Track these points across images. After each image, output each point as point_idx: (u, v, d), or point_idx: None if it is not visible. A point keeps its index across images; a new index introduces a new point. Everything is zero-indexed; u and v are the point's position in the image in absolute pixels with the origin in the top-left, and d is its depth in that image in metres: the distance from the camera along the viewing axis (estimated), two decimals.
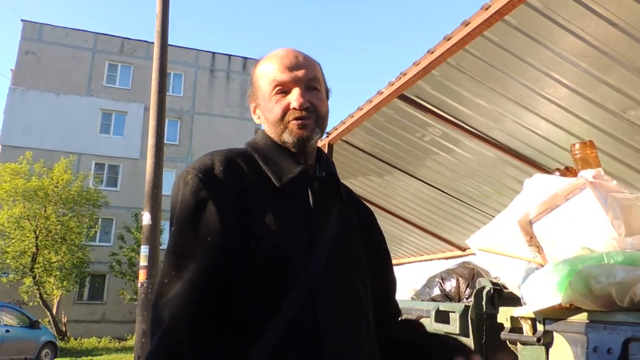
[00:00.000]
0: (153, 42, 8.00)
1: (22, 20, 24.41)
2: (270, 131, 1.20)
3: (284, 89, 1.16)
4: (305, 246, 1.08)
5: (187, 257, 1.02)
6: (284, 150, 1.18)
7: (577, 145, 2.50)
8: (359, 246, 1.23)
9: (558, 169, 2.70)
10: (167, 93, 8.52)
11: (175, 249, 1.05)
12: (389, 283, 1.35)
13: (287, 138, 1.16)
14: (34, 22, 24.49)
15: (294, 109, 1.14)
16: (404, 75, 3.82)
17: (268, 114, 1.18)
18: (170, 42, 8.11)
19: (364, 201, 1.43)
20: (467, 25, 3.13)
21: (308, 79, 1.17)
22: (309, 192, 1.15)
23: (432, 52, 3.47)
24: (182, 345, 0.97)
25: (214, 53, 27.81)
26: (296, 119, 1.15)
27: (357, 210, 1.31)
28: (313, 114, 1.16)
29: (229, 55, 28.13)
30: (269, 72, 1.18)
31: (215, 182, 1.07)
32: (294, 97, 1.15)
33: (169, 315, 0.97)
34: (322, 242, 1.10)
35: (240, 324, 1.01)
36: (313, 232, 1.10)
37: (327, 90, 1.26)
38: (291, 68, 1.17)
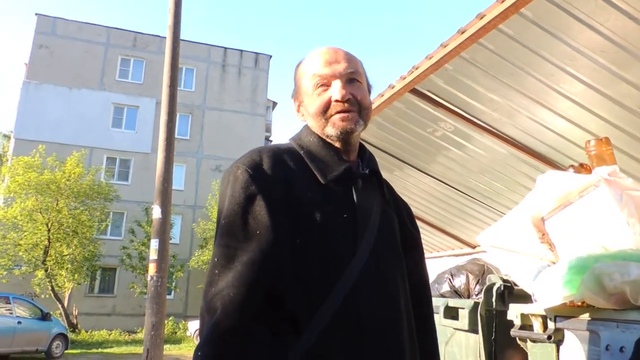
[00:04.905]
0: (165, 37, 8.02)
1: (36, 14, 24.62)
2: (314, 125, 1.22)
3: (325, 83, 1.19)
4: (350, 242, 1.11)
5: (237, 249, 1.05)
6: (329, 146, 1.20)
7: (592, 142, 2.45)
8: (399, 242, 1.25)
9: (572, 166, 2.66)
10: (178, 88, 8.55)
11: (225, 242, 1.07)
12: (422, 279, 1.35)
13: (331, 131, 1.19)
14: (47, 15, 24.70)
15: (337, 101, 1.17)
16: (416, 69, 3.78)
17: (311, 108, 1.21)
18: (182, 36, 8.12)
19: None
20: (482, 18, 3.07)
21: (349, 72, 1.20)
22: (353, 190, 1.17)
23: (445, 46, 3.42)
24: (233, 334, 0.99)
25: (225, 48, 27.87)
26: (339, 112, 1.17)
27: (396, 206, 1.33)
28: (355, 106, 1.18)
29: (241, 51, 28.17)
30: (310, 68, 1.22)
31: (264, 177, 1.10)
32: (336, 90, 1.17)
33: (221, 304, 1.00)
34: (365, 238, 1.13)
35: (286, 315, 1.04)
36: (357, 229, 1.13)
37: (369, 86, 1.27)
38: (331, 62, 1.20)
